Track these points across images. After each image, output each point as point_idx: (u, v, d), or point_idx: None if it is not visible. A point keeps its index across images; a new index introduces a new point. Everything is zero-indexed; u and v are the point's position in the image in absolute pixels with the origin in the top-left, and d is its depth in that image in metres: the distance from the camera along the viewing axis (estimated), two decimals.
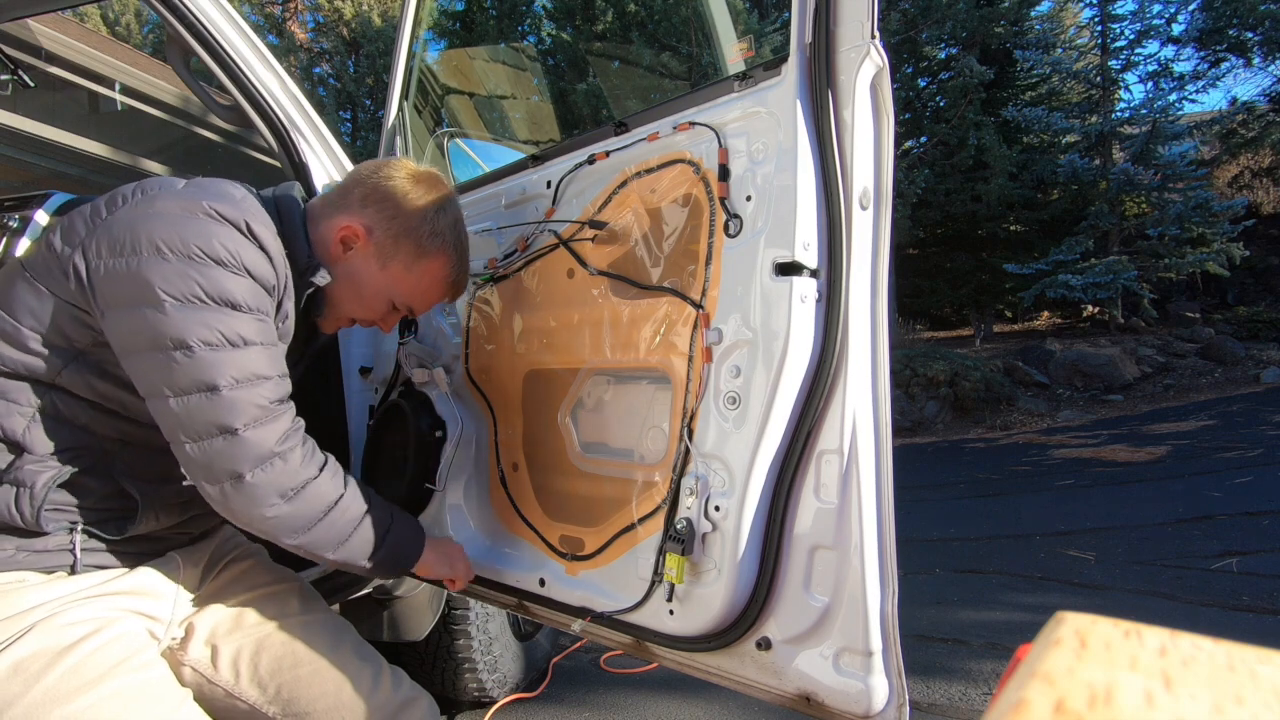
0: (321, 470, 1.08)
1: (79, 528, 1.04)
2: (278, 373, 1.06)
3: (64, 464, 1.02)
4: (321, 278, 1.17)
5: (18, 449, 1.00)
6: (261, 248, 1.04)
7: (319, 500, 1.07)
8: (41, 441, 1.01)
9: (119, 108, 2.93)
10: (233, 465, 0.99)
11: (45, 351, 1.01)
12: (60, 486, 1.02)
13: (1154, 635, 0.33)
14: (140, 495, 1.09)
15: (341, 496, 1.10)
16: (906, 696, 0.97)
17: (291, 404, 1.09)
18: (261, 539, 1.11)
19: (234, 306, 1.00)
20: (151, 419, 1.02)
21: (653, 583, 1.15)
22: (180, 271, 0.96)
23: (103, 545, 1.08)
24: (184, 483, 1.08)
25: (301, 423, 1.09)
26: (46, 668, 0.95)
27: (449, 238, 1.24)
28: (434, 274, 1.24)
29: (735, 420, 1.05)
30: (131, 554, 1.12)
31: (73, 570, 1.04)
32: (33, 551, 1.01)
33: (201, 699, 1.18)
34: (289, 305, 1.14)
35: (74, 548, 1.03)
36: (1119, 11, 13.08)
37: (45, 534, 1.01)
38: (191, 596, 1.22)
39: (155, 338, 0.96)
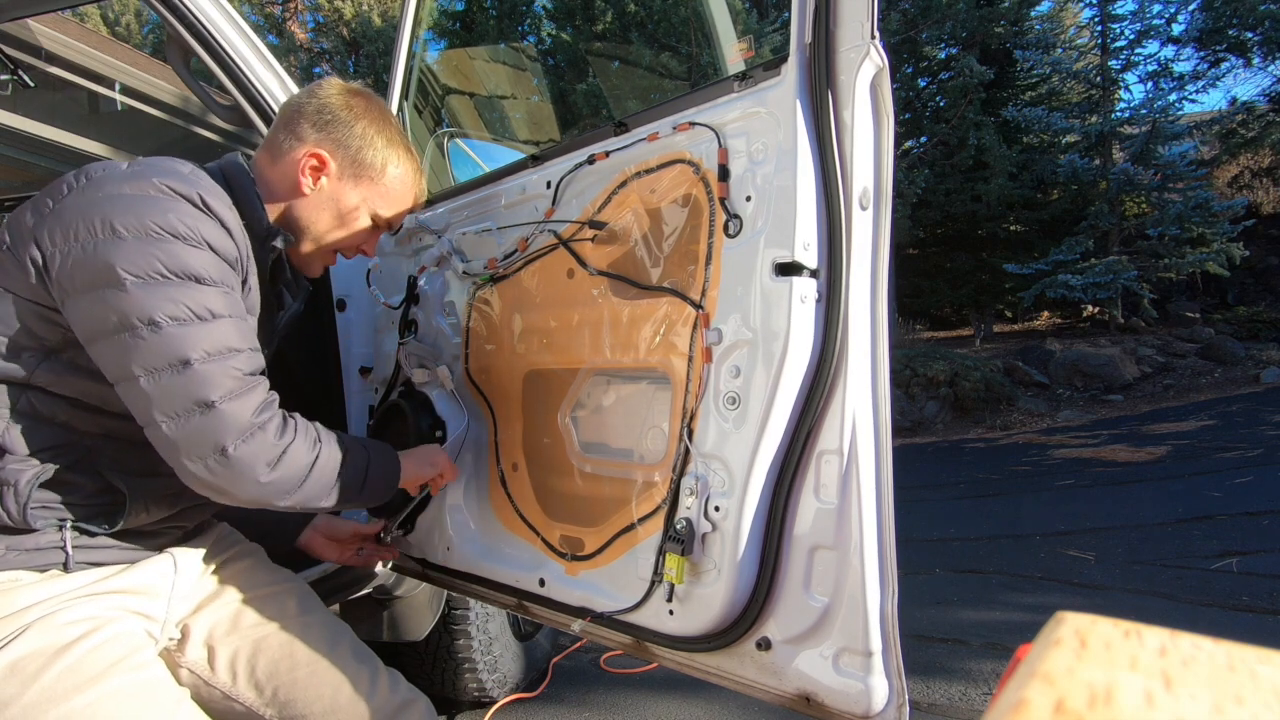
0: (296, 433, 1.08)
1: (68, 524, 1.03)
2: (249, 346, 1.05)
3: (46, 462, 1.01)
4: (281, 241, 1.17)
5: None
6: (219, 221, 1.04)
7: (300, 461, 1.07)
8: (21, 441, 1.00)
9: (119, 108, 2.92)
10: (215, 438, 0.98)
11: (15, 353, 1.00)
12: (46, 484, 1.01)
13: (1154, 635, 0.33)
14: (127, 489, 1.08)
15: (320, 452, 1.11)
16: (906, 696, 0.97)
17: (265, 378, 1.09)
18: (260, 523, 1.10)
19: (198, 280, 0.99)
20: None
21: (653, 583, 1.15)
22: (140, 250, 0.95)
23: (94, 541, 1.07)
24: (171, 474, 1.07)
25: (275, 395, 1.09)
26: (44, 667, 0.95)
27: (400, 141, 1.26)
28: (401, 178, 1.26)
29: (735, 420, 1.05)
30: (125, 549, 1.12)
31: (66, 567, 1.03)
32: (24, 550, 1.01)
33: (199, 701, 1.18)
34: (253, 279, 1.14)
35: (65, 544, 1.03)
36: (1119, 11, 13.06)
37: (34, 531, 1.01)
38: (187, 596, 1.21)
39: (121, 318, 0.94)
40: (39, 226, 0.98)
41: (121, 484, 1.07)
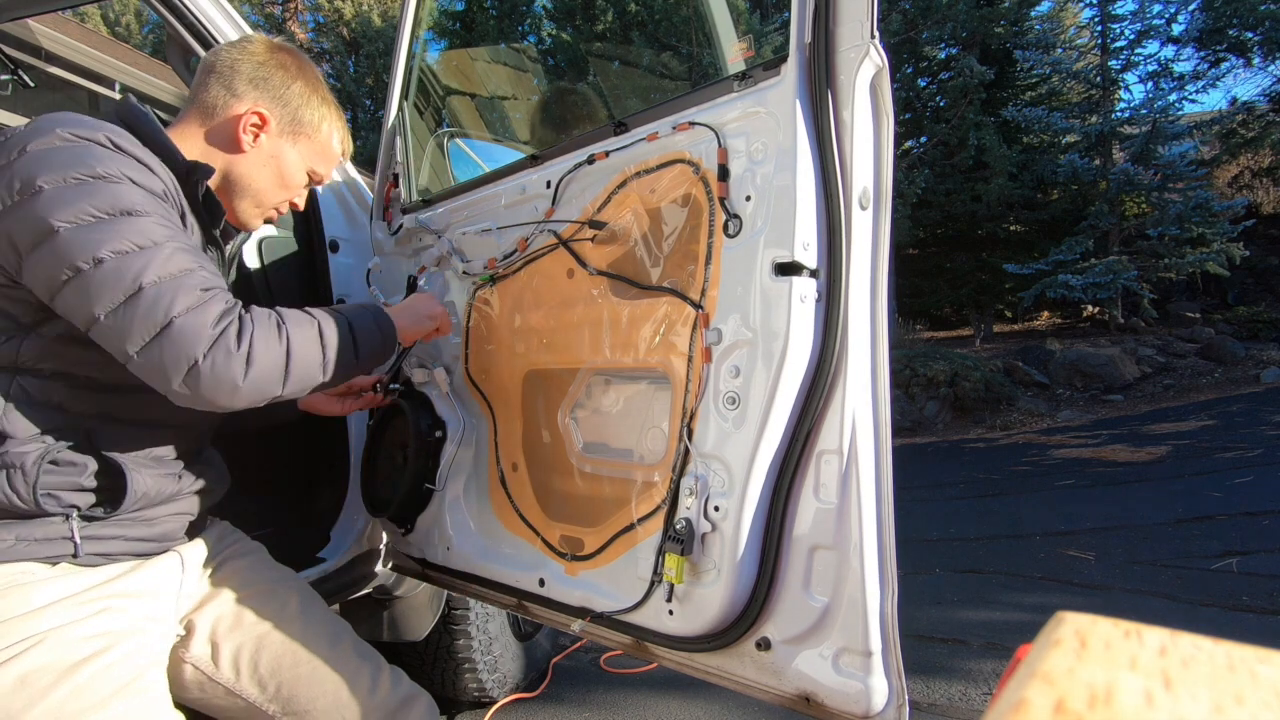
0: (254, 326, 1.04)
1: (74, 514, 1.03)
2: (199, 264, 1.02)
3: (49, 444, 1.01)
4: (204, 172, 1.15)
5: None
6: (134, 157, 1.03)
7: (273, 352, 1.04)
8: (21, 426, 1.00)
9: None
10: (183, 354, 0.96)
11: None
12: (50, 467, 1.00)
13: (1154, 635, 0.33)
14: (127, 470, 1.08)
15: (288, 335, 1.07)
16: (906, 696, 0.97)
17: (227, 292, 1.05)
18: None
19: (130, 213, 0.97)
20: (130, 384, 1.01)
21: (652, 583, 1.15)
22: (64, 197, 0.94)
23: (101, 530, 1.07)
24: (172, 458, 1.09)
25: (237, 302, 1.05)
26: (53, 685, 0.95)
27: (331, 98, 1.30)
28: (334, 135, 1.31)
29: (735, 420, 1.05)
30: (131, 541, 1.11)
31: (75, 557, 1.03)
32: (33, 540, 1.00)
33: (202, 696, 1.20)
34: (191, 218, 1.13)
35: (73, 534, 1.03)
36: (1119, 11, 13.10)
37: (42, 516, 1.01)
38: (192, 593, 1.22)
39: (69, 265, 0.94)
40: None
41: (122, 465, 1.07)
